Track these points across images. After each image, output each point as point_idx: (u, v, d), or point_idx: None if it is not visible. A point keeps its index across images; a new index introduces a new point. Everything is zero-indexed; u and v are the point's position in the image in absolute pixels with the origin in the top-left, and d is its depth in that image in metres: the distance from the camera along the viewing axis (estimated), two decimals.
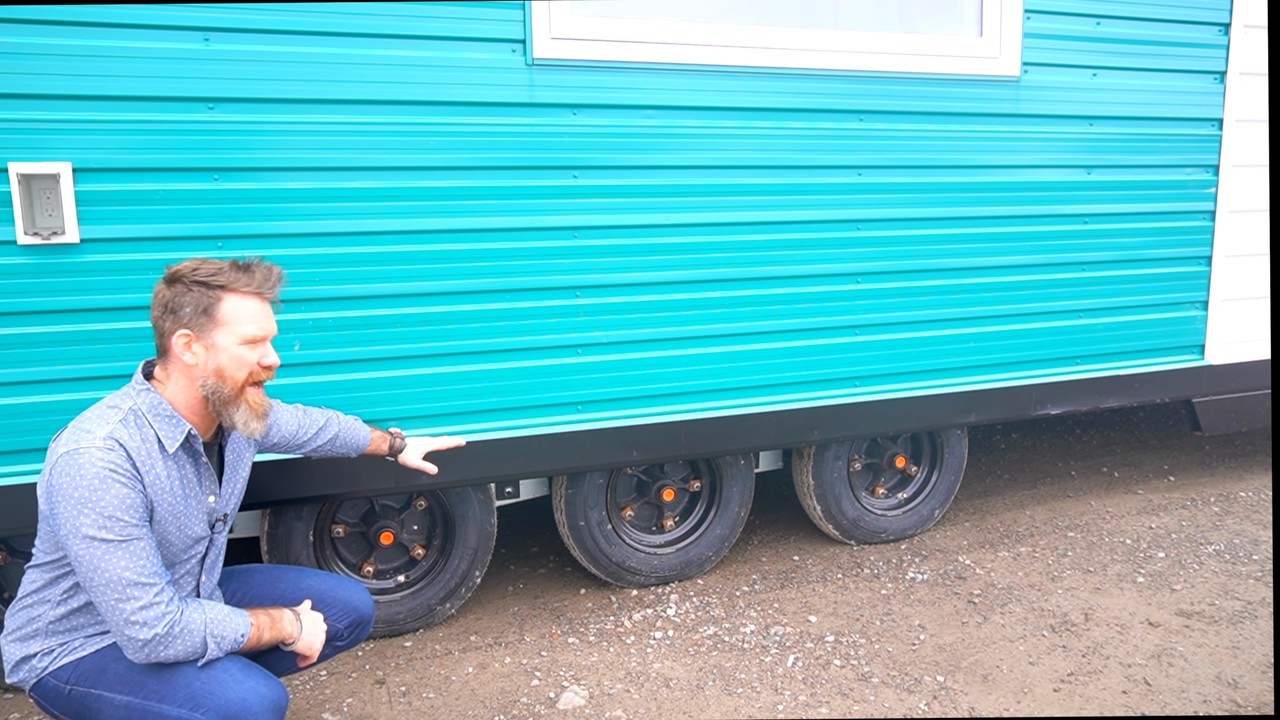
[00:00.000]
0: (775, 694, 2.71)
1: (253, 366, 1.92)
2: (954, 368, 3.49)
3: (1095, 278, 3.65)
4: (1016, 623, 3.10)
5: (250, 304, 1.91)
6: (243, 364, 1.91)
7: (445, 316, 2.79)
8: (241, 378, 1.91)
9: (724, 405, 3.17)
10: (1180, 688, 2.70)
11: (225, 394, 1.90)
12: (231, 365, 1.90)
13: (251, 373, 1.92)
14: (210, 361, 1.89)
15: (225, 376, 1.90)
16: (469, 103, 2.72)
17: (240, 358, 1.90)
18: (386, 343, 2.74)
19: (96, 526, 1.74)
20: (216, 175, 2.52)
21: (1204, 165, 3.76)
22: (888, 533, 3.75)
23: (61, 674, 1.91)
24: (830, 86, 3.12)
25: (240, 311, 1.90)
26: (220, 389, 1.90)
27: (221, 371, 1.89)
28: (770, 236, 3.13)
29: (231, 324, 1.89)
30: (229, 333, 1.89)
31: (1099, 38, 3.46)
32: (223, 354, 1.89)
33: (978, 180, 3.38)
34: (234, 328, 1.89)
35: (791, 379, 3.25)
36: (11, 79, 2.32)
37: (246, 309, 1.91)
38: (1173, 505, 4.16)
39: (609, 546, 3.28)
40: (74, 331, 2.45)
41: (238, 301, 1.90)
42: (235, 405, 1.91)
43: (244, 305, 1.90)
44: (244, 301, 1.90)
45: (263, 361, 1.93)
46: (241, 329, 1.90)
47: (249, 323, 1.91)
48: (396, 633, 3.06)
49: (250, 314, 1.91)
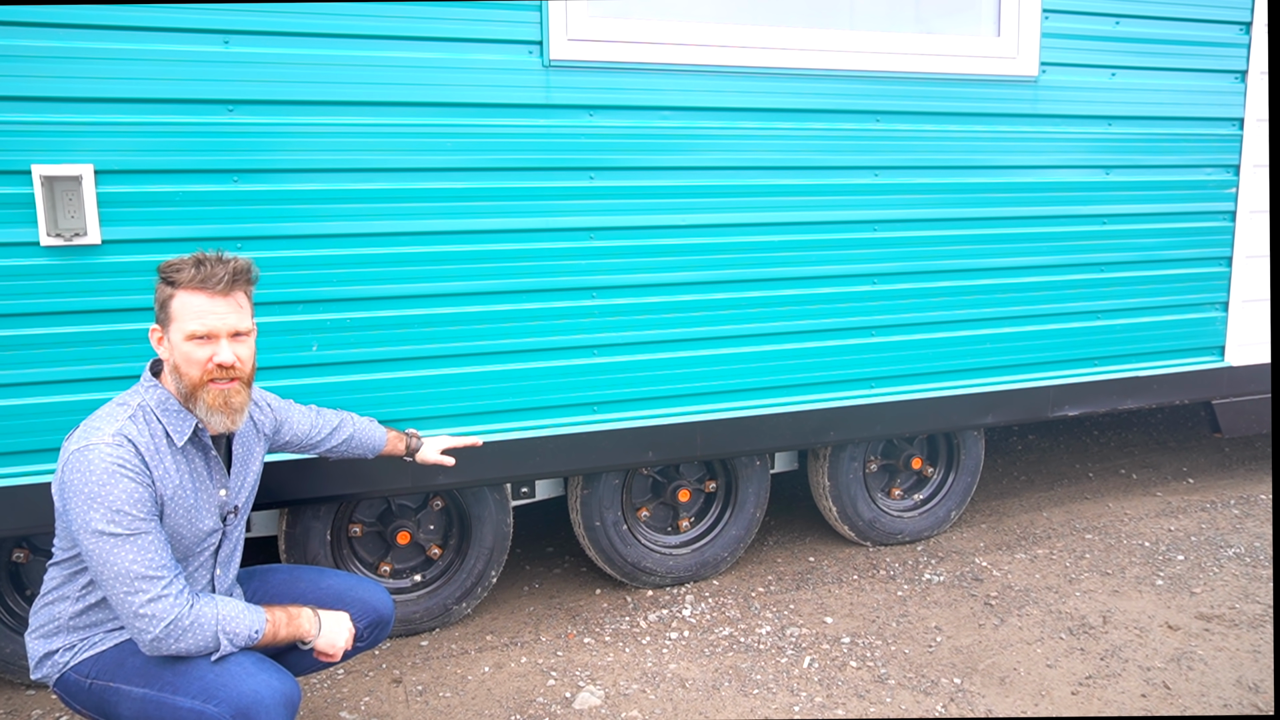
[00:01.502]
0: (791, 695, 2.71)
1: (204, 364, 1.90)
2: (971, 369, 3.48)
3: (1114, 279, 3.63)
4: (1034, 625, 3.08)
5: (195, 299, 1.89)
6: (191, 360, 1.89)
7: (460, 317, 2.80)
8: (195, 375, 1.90)
9: (740, 406, 3.17)
10: (1200, 691, 2.68)
11: (184, 389, 1.92)
12: (183, 361, 1.90)
13: (205, 370, 1.90)
14: (172, 358, 1.92)
15: (181, 372, 1.91)
16: (486, 104, 2.73)
17: (188, 354, 1.89)
18: (402, 343, 2.76)
19: (105, 521, 1.77)
20: (236, 177, 2.54)
21: (1224, 165, 3.73)
22: (904, 534, 3.74)
23: (82, 668, 1.94)
24: (846, 87, 3.11)
25: (185, 307, 1.89)
26: (180, 384, 1.92)
27: (177, 367, 1.91)
28: (786, 237, 3.12)
29: (178, 320, 1.89)
30: (177, 328, 1.89)
31: (1118, 37, 3.44)
32: (175, 350, 1.90)
33: (995, 181, 3.37)
34: (180, 323, 1.89)
35: (807, 380, 3.24)
36: (34, 82, 2.34)
37: (191, 304, 1.89)
38: (1192, 507, 4.13)
39: (624, 547, 3.28)
40: (95, 332, 2.48)
41: (185, 297, 1.89)
42: (194, 401, 1.92)
43: (189, 301, 1.89)
44: (190, 297, 1.89)
45: (216, 359, 1.90)
46: (186, 325, 1.88)
47: (191, 319, 1.88)
48: (413, 632, 3.08)
49: (193, 310, 1.88)
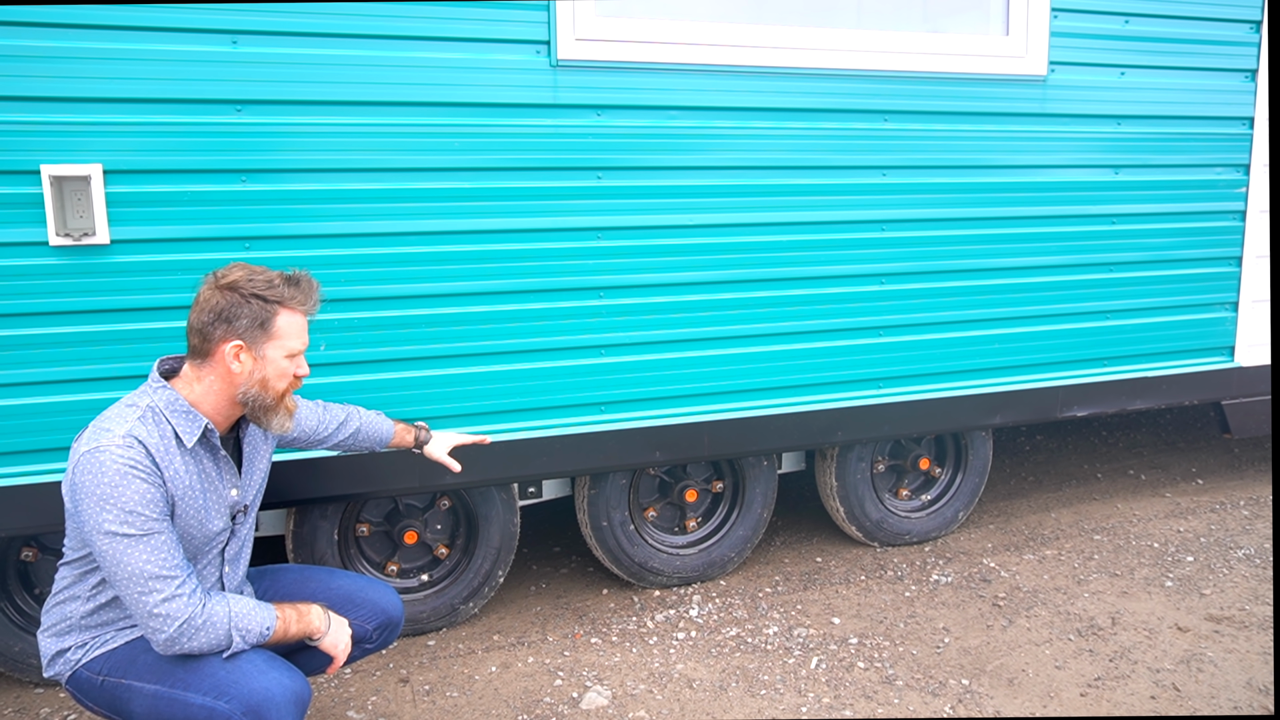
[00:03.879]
0: (799, 696, 2.70)
1: (290, 377, 2.00)
2: (979, 369, 3.47)
3: (1123, 278, 3.61)
4: (1042, 626, 3.07)
5: (299, 320, 1.98)
6: (285, 375, 1.98)
7: (469, 317, 2.80)
8: (283, 388, 1.99)
9: (747, 406, 3.16)
10: (1210, 693, 2.67)
11: (267, 402, 1.97)
12: (275, 376, 1.97)
13: (290, 383, 2.00)
14: (257, 372, 1.95)
15: (269, 386, 1.96)
16: (493, 104, 2.73)
17: (284, 370, 1.98)
18: (410, 343, 2.76)
19: (118, 522, 1.78)
20: (244, 177, 2.54)
21: (1234, 165, 3.71)
22: (911, 535, 3.73)
23: (94, 666, 1.94)
24: (854, 86, 3.10)
25: (290, 327, 1.96)
26: (262, 397, 1.96)
27: (266, 381, 1.96)
28: (793, 237, 3.12)
29: (282, 338, 1.95)
30: (279, 346, 1.95)
31: (1127, 36, 3.42)
32: (269, 366, 1.95)
33: (1003, 181, 3.36)
34: (283, 342, 1.96)
35: (815, 380, 3.24)
36: (42, 82, 2.35)
37: (295, 325, 1.97)
38: (1201, 508, 4.11)
39: (631, 547, 3.28)
40: (104, 331, 2.49)
41: (289, 317, 1.96)
42: (275, 411, 1.99)
43: (294, 321, 1.97)
44: (294, 317, 1.97)
45: (298, 372, 2.01)
46: (289, 343, 1.97)
47: (295, 338, 1.98)
48: (420, 631, 3.08)
49: (298, 329, 1.98)
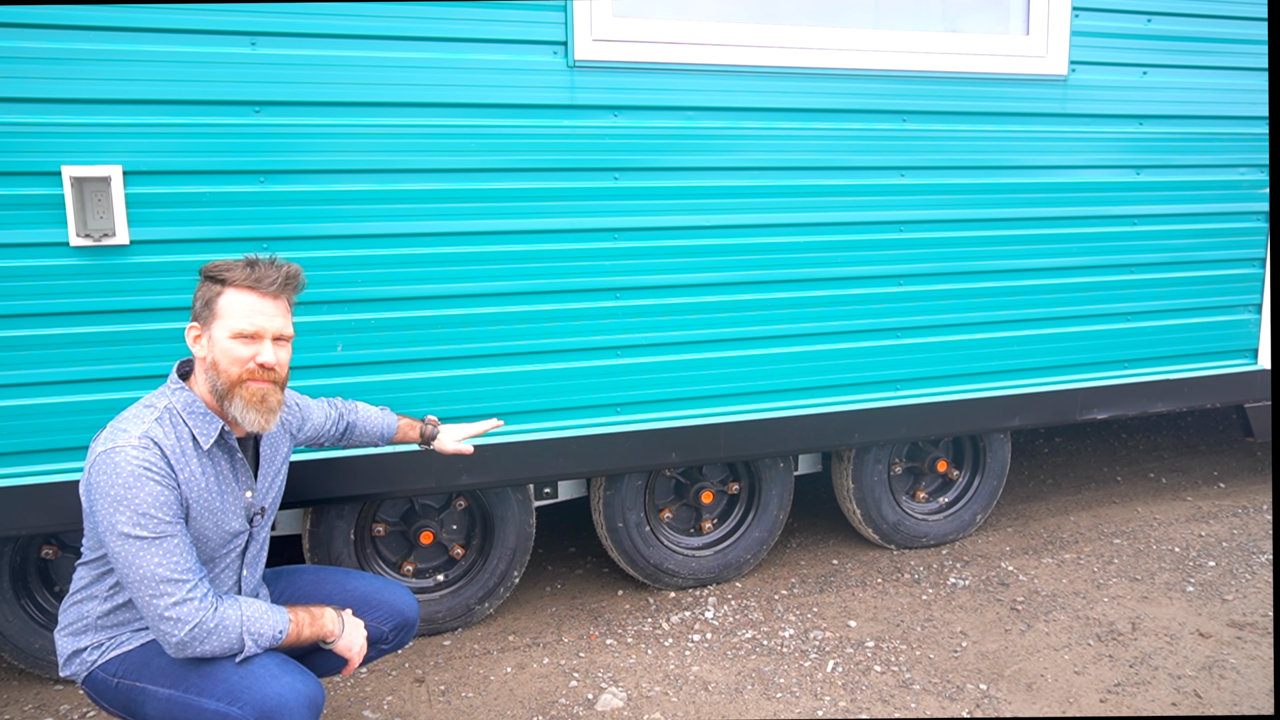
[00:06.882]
0: (815, 699, 2.69)
1: (246, 364, 1.90)
2: (998, 371, 3.44)
3: (1144, 280, 3.58)
4: (1061, 631, 3.04)
5: (246, 298, 1.90)
6: (233, 359, 1.90)
7: (485, 318, 2.80)
8: (235, 373, 1.90)
9: (764, 408, 3.15)
10: (1233, 700, 2.64)
11: (220, 388, 1.91)
12: (224, 359, 1.90)
13: (246, 370, 1.90)
14: (209, 355, 1.91)
15: (220, 370, 1.90)
16: (510, 105, 2.73)
17: (229, 352, 1.89)
18: (426, 344, 2.76)
19: (131, 524, 1.78)
20: (262, 178, 2.55)
21: (1257, 165, 3.66)
22: (928, 537, 3.71)
23: (109, 667, 1.95)
24: (873, 87, 3.08)
25: (233, 305, 1.90)
26: (216, 382, 1.91)
27: (216, 365, 1.90)
28: (811, 238, 3.10)
29: (224, 317, 1.89)
30: (222, 326, 1.89)
31: (1150, 35, 3.38)
32: (216, 347, 1.90)
33: (1023, 181, 3.33)
34: (225, 321, 1.89)
35: (832, 381, 3.22)
36: (63, 84, 2.37)
37: (240, 303, 1.90)
38: (1223, 513, 4.07)
39: (647, 548, 3.28)
40: (123, 331, 2.50)
41: (235, 295, 1.90)
42: (230, 399, 1.91)
43: (239, 299, 1.90)
44: (240, 296, 1.90)
45: (258, 359, 1.90)
46: (231, 322, 1.89)
47: (239, 317, 1.89)
48: (435, 632, 3.08)
49: (242, 308, 1.89)
